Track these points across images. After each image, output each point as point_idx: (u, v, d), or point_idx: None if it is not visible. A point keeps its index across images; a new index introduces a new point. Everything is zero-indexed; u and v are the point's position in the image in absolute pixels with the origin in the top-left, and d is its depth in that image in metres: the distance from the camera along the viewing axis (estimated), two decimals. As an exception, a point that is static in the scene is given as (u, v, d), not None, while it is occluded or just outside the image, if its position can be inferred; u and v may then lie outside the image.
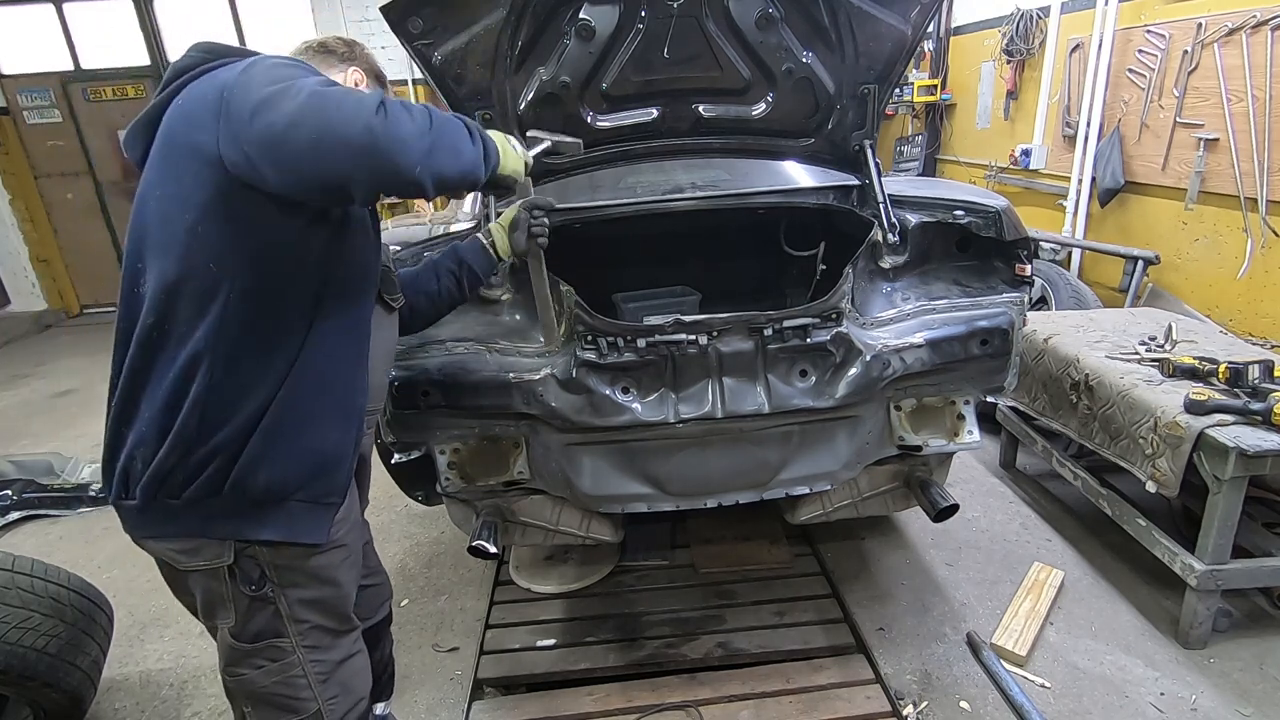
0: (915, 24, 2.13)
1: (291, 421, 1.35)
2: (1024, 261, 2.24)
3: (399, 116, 1.17)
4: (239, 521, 1.36)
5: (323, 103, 1.13)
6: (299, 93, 1.14)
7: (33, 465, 4.05)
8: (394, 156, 1.16)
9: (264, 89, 1.15)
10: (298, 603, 1.44)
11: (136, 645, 2.70)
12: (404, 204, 7.50)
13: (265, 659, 1.44)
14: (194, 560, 1.38)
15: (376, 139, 1.14)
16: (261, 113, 1.13)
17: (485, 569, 3.00)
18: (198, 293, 1.26)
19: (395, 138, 1.15)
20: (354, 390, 1.47)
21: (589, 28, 2.04)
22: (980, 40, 5.54)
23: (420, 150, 1.19)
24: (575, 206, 2.37)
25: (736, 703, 2.26)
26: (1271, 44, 3.23)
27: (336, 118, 1.13)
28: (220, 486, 1.32)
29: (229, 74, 1.23)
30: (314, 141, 1.12)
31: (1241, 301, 3.59)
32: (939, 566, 2.91)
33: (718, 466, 2.17)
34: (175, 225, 1.25)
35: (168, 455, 1.29)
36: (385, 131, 1.14)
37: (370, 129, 1.13)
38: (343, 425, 1.46)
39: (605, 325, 1.94)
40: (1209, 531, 2.31)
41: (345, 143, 1.13)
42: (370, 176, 1.17)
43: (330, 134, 1.12)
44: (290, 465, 1.37)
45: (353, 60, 1.57)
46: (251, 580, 1.39)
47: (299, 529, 1.40)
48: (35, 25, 7.12)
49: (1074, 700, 2.25)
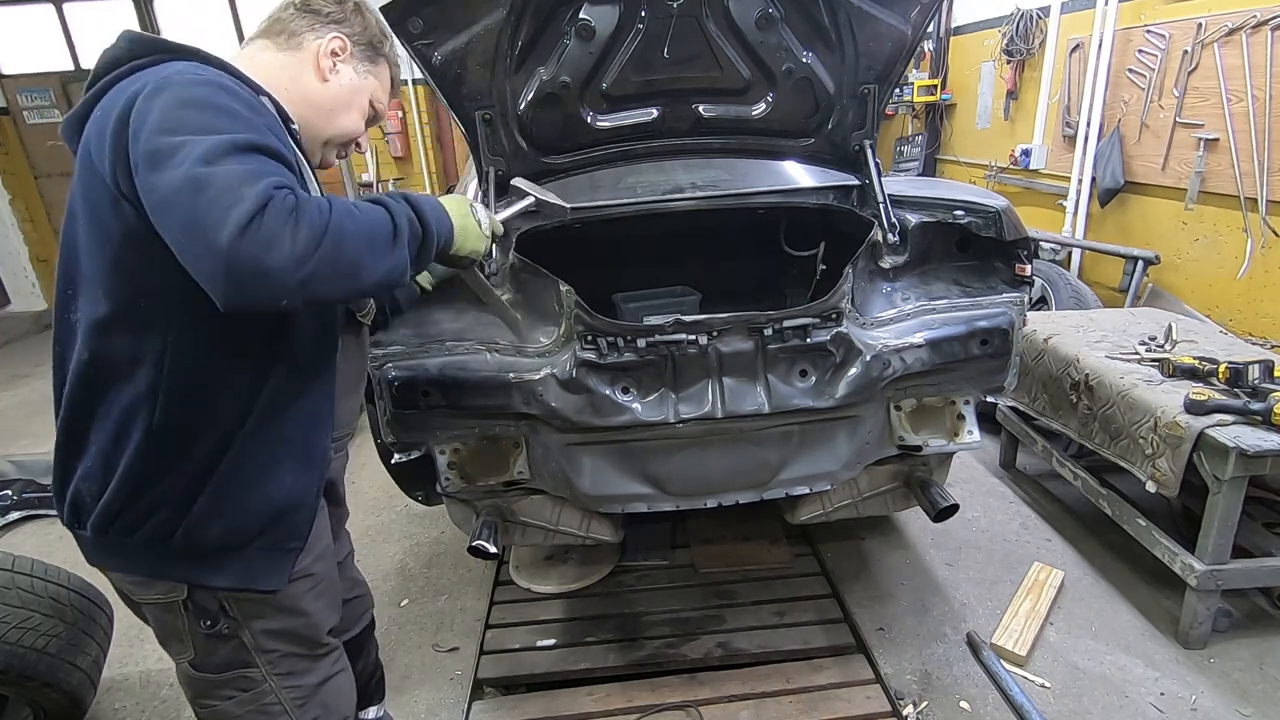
0: (915, 24, 2.13)
1: (245, 470, 1.25)
2: (1024, 261, 2.24)
3: (274, 233, 0.98)
4: (192, 567, 1.27)
5: (194, 194, 0.98)
6: (180, 163, 1.00)
7: (33, 465, 4.05)
8: (259, 280, 0.99)
9: (155, 138, 1.03)
10: (262, 633, 1.35)
11: (136, 645, 2.70)
12: (404, 204, 7.50)
13: (235, 689, 1.36)
14: (147, 593, 1.31)
15: (238, 257, 0.97)
16: (146, 169, 1.02)
17: (485, 569, 3.00)
18: (132, 330, 1.15)
19: (259, 262, 0.98)
20: (316, 430, 1.35)
21: (589, 28, 2.03)
22: (980, 40, 5.53)
23: (292, 279, 1.01)
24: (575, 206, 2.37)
25: (736, 703, 2.26)
26: (1271, 44, 3.23)
27: (205, 218, 0.97)
28: (172, 532, 1.24)
29: (134, 89, 1.10)
30: (183, 231, 1.00)
31: (1241, 301, 3.59)
32: (939, 566, 2.91)
33: (718, 466, 2.17)
34: (99, 256, 1.14)
35: (115, 495, 1.21)
36: (252, 251, 0.97)
37: (234, 246, 0.97)
38: (303, 470, 1.33)
39: (605, 325, 1.94)
40: (1209, 531, 2.31)
41: (209, 250, 0.98)
42: (233, 293, 1.00)
43: (196, 233, 0.99)
44: (244, 516, 1.27)
45: (340, 23, 1.38)
46: (208, 616, 1.30)
47: (257, 576, 1.30)
48: (35, 25, 7.12)
49: (1074, 700, 2.25)
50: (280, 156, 1.11)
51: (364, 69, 1.43)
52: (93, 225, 1.14)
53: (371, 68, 1.44)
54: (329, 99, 1.39)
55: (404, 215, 1.18)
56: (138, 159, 1.04)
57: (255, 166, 1.04)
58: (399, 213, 1.17)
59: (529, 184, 1.57)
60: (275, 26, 1.38)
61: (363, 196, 1.33)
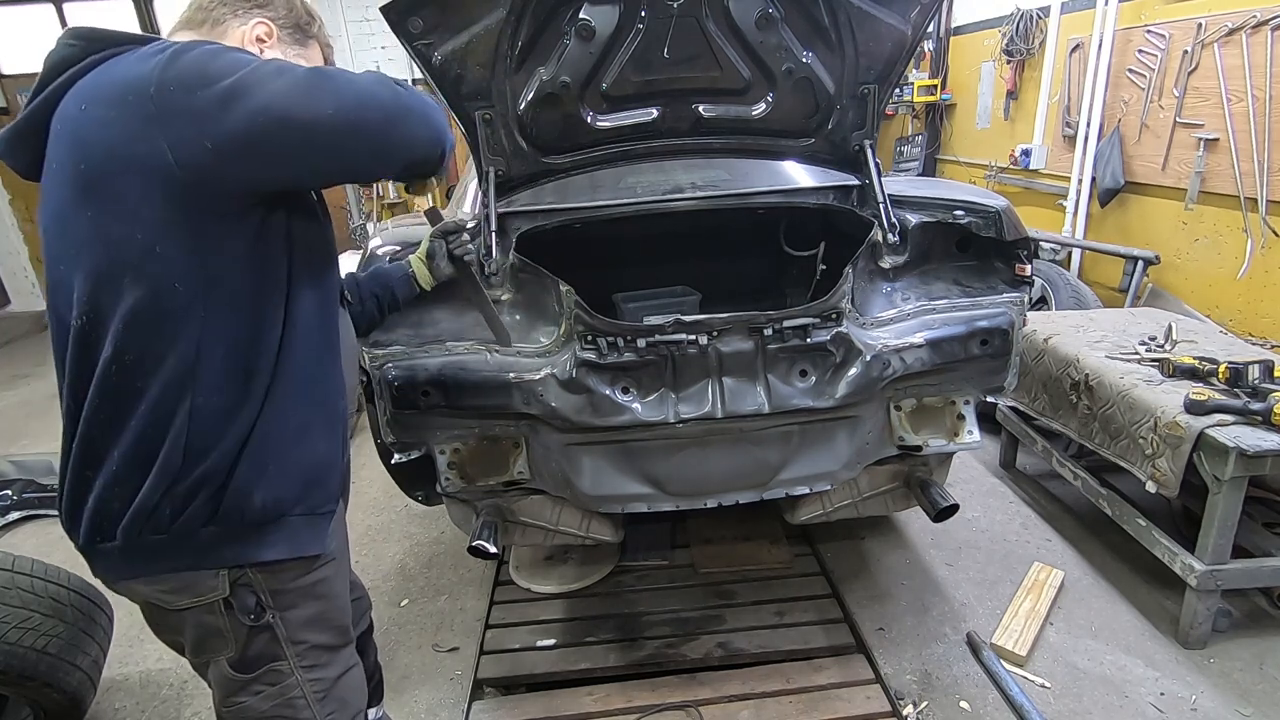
0: (915, 24, 2.13)
1: (280, 437, 1.28)
2: (1024, 261, 2.24)
3: (398, 88, 1.16)
4: (238, 546, 1.27)
5: (326, 76, 1.10)
6: (285, 70, 1.08)
7: (33, 465, 4.05)
8: (428, 118, 1.16)
9: (226, 76, 1.05)
10: (296, 624, 1.37)
11: (136, 645, 2.70)
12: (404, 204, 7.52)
13: (264, 684, 1.37)
14: (184, 598, 1.29)
15: (406, 102, 1.13)
16: (239, 101, 1.04)
17: (485, 569, 3.00)
18: (165, 318, 1.15)
19: (421, 102, 1.16)
20: (335, 393, 1.40)
21: (589, 28, 2.03)
22: (980, 40, 5.53)
23: (437, 112, 1.19)
24: (575, 206, 2.37)
25: (736, 703, 2.26)
26: (1271, 44, 3.23)
27: (353, 89, 1.10)
28: (213, 514, 1.24)
29: (143, 70, 1.08)
30: (336, 117, 1.08)
31: (1241, 301, 3.59)
32: (939, 566, 2.91)
33: (718, 466, 2.17)
34: (124, 249, 1.12)
35: (151, 491, 1.19)
36: (410, 96, 1.14)
37: (397, 94, 1.13)
38: (329, 431, 1.38)
39: (605, 325, 1.94)
40: (1209, 531, 2.31)
41: (377, 111, 1.11)
42: (403, 145, 1.16)
43: (354, 105, 1.09)
44: (285, 482, 1.29)
45: (264, 8, 1.35)
46: (249, 609, 1.31)
47: (301, 542, 1.33)
48: (35, 25, 7.12)
49: (1074, 700, 2.25)
50: None
51: (293, 53, 1.40)
52: (112, 219, 1.12)
53: (301, 50, 1.42)
54: None
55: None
56: (213, 107, 1.05)
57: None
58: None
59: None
60: (198, 15, 1.35)
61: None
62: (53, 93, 1.17)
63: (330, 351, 1.38)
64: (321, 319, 1.35)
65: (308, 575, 1.37)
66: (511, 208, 2.31)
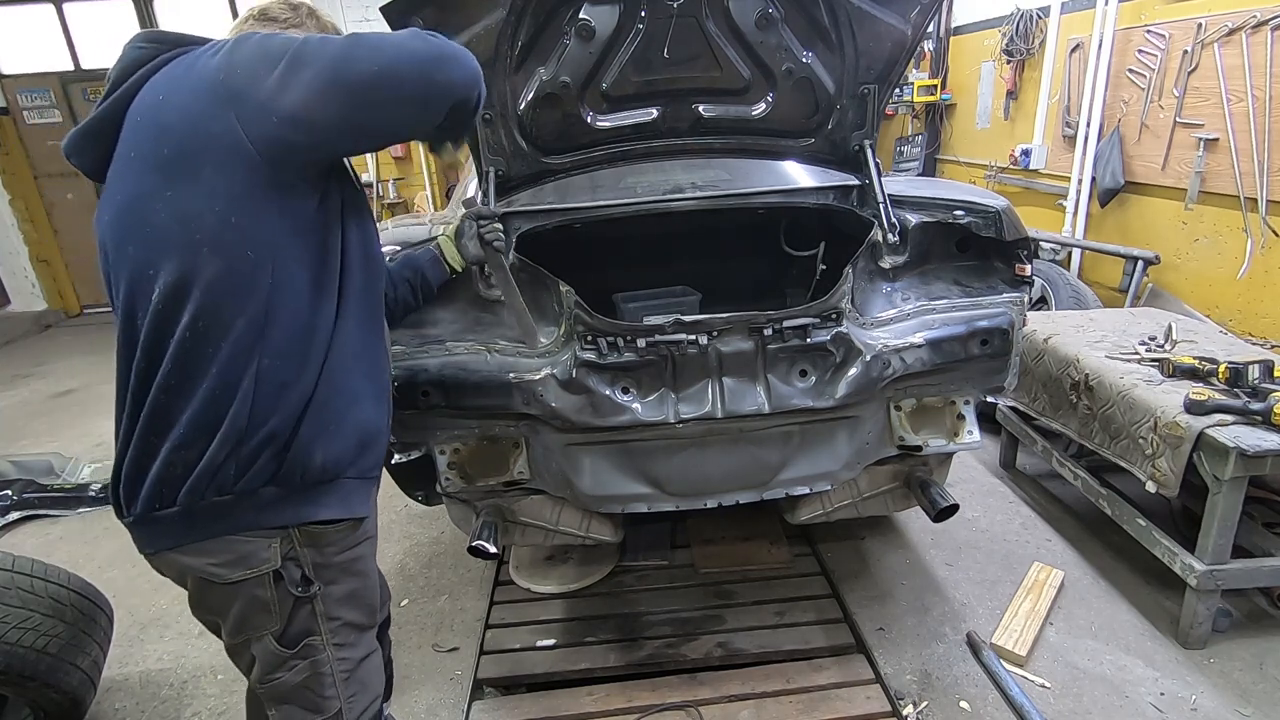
0: (915, 24, 2.13)
1: (338, 399, 1.36)
2: (1024, 261, 2.24)
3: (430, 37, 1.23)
4: (296, 505, 1.35)
5: (362, 38, 1.17)
6: (327, 42, 1.16)
7: (33, 465, 4.05)
8: (461, 61, 1.23)
9: (280, 56, 1.15)
10: (334, 600, 1.44)
11: (136, 645, 2.70)
12: (404, 203, 7.52)
13: (299, 658, 1.43)
14: (238, 571, 1.34)
15: (440, 48, 1.20)
16: (292, 77, 1.14)
17: (485, 569, 3.00)
18: (238, 286, 1.24)
19: (452, 47, 1.22)
20: (382, 364, 1.50)
21: (589, 28, 2.03)
22: (980, 40, 5.54)
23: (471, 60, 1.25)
24: (575, 206, 2.38)
25: (736, 703, 2.26)
26: (1271, 44, 3.23)
27: (388, 44, 1.17)
28: (275, 473, 1.31)
29: (213, 58, 1.20)
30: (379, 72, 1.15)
31: (1241, 301, 3.59)
32: (939, 566, 2.91)
33: (718, 467, 2.17)
34: (203, 222, 1.21)
35: (218, 451, 1.26)
36: (443, 42, 1.21)
37: (428, 42, 1.20)
38: (378, 398, 1.48)
39: (605, 325, 1.94)
40: (1209, 531, 2.31)
41: (414, 60, 1.18)
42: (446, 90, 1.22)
43: (392, 59, 1.16)
44: (341, 443, 1.38)
45: (297, 27, 1.48)
46: (296, 581, 1.37)
47: (353, 504, 1.42)
48: (35, 25, 7.12)
49: (1074, 700, 2.25)
50: None
51: None
52: (190, 197, 1.21)
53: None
54: None
55: None
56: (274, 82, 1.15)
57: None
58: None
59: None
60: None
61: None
62: (126, 91, 1.26)
63: (377, 325, 1.49)
64: (369, 294, 1.44)
65: (348, 551, 1.45)
66: (511, 208, 2.31)
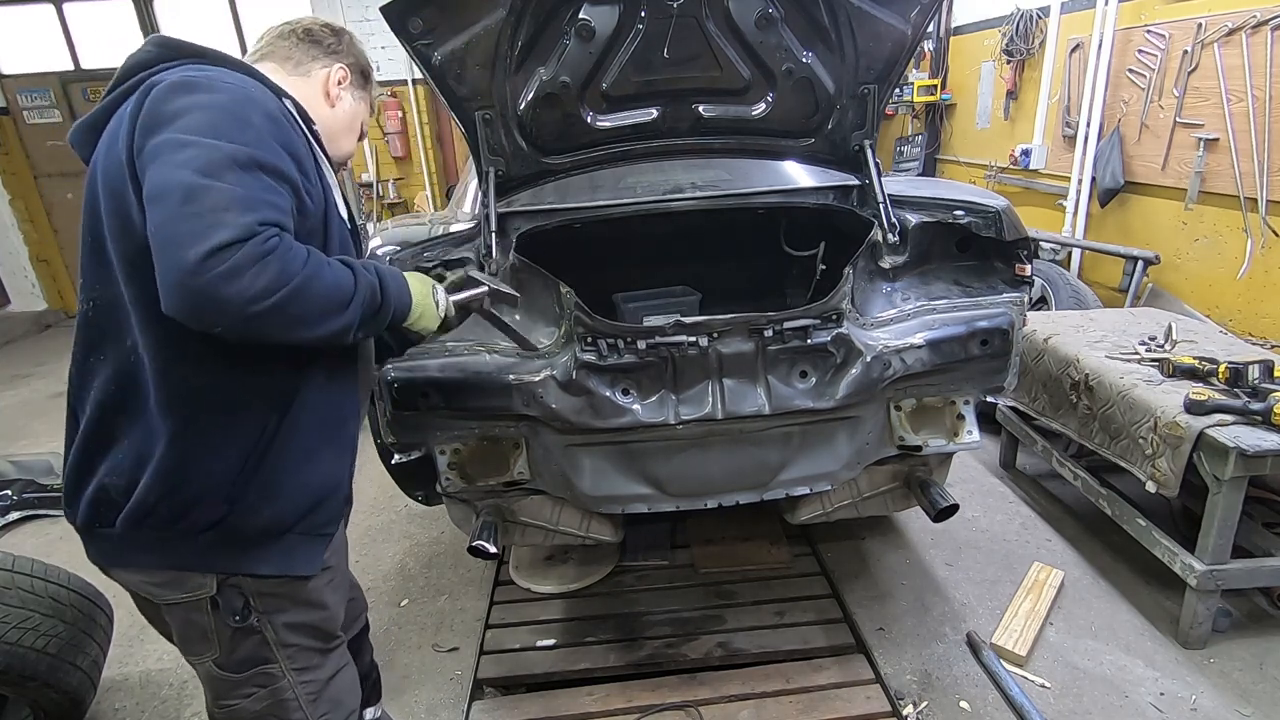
0: (915, 24, 2.13)
1: (291, 457, 1.30)
2: (1024, 261, 2.24)
3: (239, 269, 1.02)
4: (233, 556, 1.29)
5: (183, 202, 1.03)
6: (181, 165, 1.05)
7: (33, 465, 4.05)
8: (210, 304, 1.04)
9: (164, 132, 1.09)
10: (284, 627, 1.38)
11: (136, 645, 2.70)
12: (404, 203, 7.52)
13: (254, 686, 1.39)
14: (172, 593, 1.31)
15: (199, 277, 1.01)
16: (149, 159, 1.08)
17: (485, 569, 3.00)
18: (167, 321, 1.12)
19: (215, 290, 1.02)
20: (349, 417, 1.42)
21: (589, 28, 2.03)
22: (980, 40, 5.53)
23: (240, 315, 1.05)
24: (575, 206, 2.37)
25: (736, 703, 2.26)
26: (1271, 44, 3.23)
27: (183, 228, 1.02)
28: (217, 521, 1.26)
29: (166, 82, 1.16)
30: (159, 229, 1.04)
31: (1241, 301, 3.59)
32: (939, 566, 2.91)
33: (718, 467, 2.17)
34: (129, 240, 1.15)
35: (148, 490, 1.22)
36: (213, 277, 1.01)
37: (199, 267, 1.01)
38: (340, 455, 1.40)
39: (605, 327, 1.94)
40: (1209, 531, 2.31)
41: (176, 261, 1.02)
42: (181, 306, 1.05)
43: (170, 239, 1.03)
44: (289, 502, 1.31)
45: (339, 54, 1.49)
46: (235, 611, 1.32)
47: (296, 562, 1.35)
48: (35, 25, 7.12)
49: (1074, 700, 2.25)
50: (284, 176, 1.16)
51: (358, 95, 1.57)
52: (129, 211, 1.15)
53: (363, 94, 1.58)
54: (335, 123, 1.52)
55: (367, 286, 1.23)
56: (142, 146, 1.09)
57: (251, 193, 1.08)
58: (363, 282, 1.22)
59: (482, 275, 1.65)
60: (281, 53, 1.46)
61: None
62: (125, 90, 1.24)
63: (347, 379, 1.41)
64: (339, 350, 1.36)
65: (299, 586, 1.39)
66: (511, 208, 2.31)
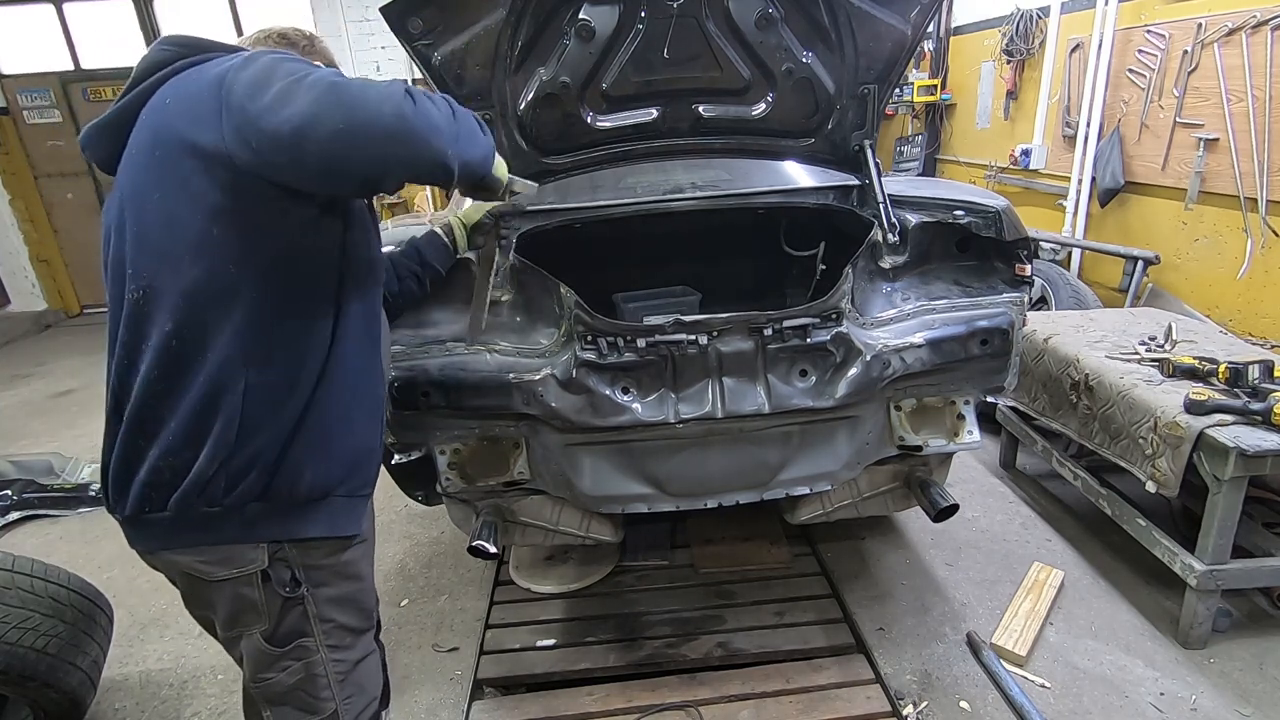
0: (915, 24, 2.13)
1: (329, 420, 1.36)
2: (1024, 261, 2.24)
3: (425, 102, 1.18)
4: (283, 522, 1.35)
5: (347, 92, 1.12)
6: (316, 84, 1.12)
7: (33, 465, 4.05)
8: (429, 140, 1.17)
9: (276, 83, 1.13)
10: (325, 601, 1.43)
11: (136, 645, 2.70)
12: (404, 203, 7.52)
13: (291, 659, 1.43)
14: (225, 569, 1.35)
15: (410, 124, 1.15)
16: (277, 108, 1.11)
17: (485, 569, 3.00)
18: (220, 296, 1.23)
19: (428, 123, 1.17)
20: (377, 381, 1.50)
21: (589, 28, 2.04)
22: (980, 40, 5.54)
23: (450, 135, 1.20)
24: (575, 206, 2.38)
25: (736, 703, 2.26)
26: (1271, 44, 3.23)
27: (365, 106, 1.12)
28: (264, 490, 1.31)
29: (222, 69, 1.19)
30: (343, 132, 1.11)
31: (1241, 301, 3.59)
32: (939, 566, 2.91)
33: (718, 467, 2.17)
34: (187, 228, 1.21)
35: (206, 464, 1.26)
36: (418, 116, 1.15)
37: (403, 115, 1.14)
38: (372, 417, 1.48)
39: (605, 325, 1.94)
40: (1209, 531, 2.31)
41: (378, 130, 1.13)
42: (404, 163, 1.18)
43: (361, 123, 1.12)
44: (332, 464, 1.38)
45: (313, 54, 1.53)
46: (284, 582, 1.38)
47: (340, 523, 1.42)
48: (35, 25, 7.12)
49: (1074, 700, 2.25)
50: None
51: None
52: (178, 201, 1.21)
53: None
54: None
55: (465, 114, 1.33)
56: (259, 108, 1.12)
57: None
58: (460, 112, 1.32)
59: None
60: None
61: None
62: (144, 90, 1.28)
63: (373, 344, 1.48)
64: (367, 314, 1.44)
65: (341, 555, 1.45)
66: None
